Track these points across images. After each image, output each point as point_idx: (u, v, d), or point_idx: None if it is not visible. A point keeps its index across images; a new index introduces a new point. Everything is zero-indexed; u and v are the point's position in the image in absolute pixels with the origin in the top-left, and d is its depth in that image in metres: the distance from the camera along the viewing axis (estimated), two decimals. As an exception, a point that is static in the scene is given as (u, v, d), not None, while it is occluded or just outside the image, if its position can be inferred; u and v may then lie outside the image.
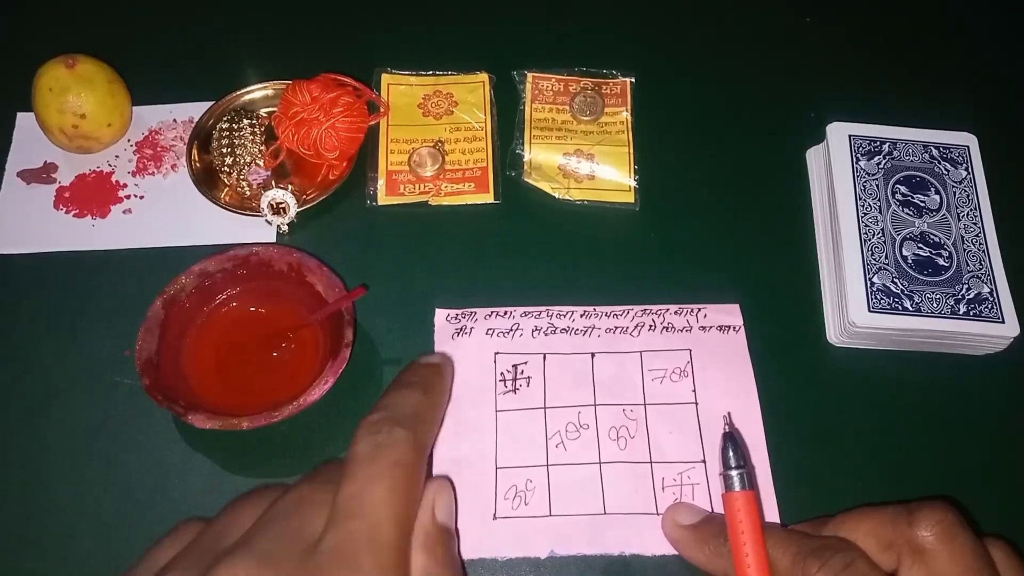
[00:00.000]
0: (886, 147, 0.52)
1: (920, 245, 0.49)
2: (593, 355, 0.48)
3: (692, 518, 0.40)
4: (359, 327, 0.47)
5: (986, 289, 0.47)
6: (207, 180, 0.54)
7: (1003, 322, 0.46)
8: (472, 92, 0.58)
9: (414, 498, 0.31)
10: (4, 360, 0.49)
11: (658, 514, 0.43)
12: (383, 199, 0.54)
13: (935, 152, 0.52)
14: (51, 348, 0.49)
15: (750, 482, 0.38)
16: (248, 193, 0.54)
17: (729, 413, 0.43)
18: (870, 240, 0.49)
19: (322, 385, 0.42)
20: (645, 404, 0.46)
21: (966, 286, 0.47)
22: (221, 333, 0.47)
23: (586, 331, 0.49)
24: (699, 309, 0.50)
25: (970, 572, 0.32)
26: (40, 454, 0.46)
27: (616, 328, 0.49)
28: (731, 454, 0.38)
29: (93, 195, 0.54)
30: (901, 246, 0.49)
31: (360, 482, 0.30)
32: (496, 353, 0.48)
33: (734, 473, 0.38)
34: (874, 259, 0.48)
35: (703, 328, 0.49)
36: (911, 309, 0.47)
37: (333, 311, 0.45)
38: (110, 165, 0.56)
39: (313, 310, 0.47)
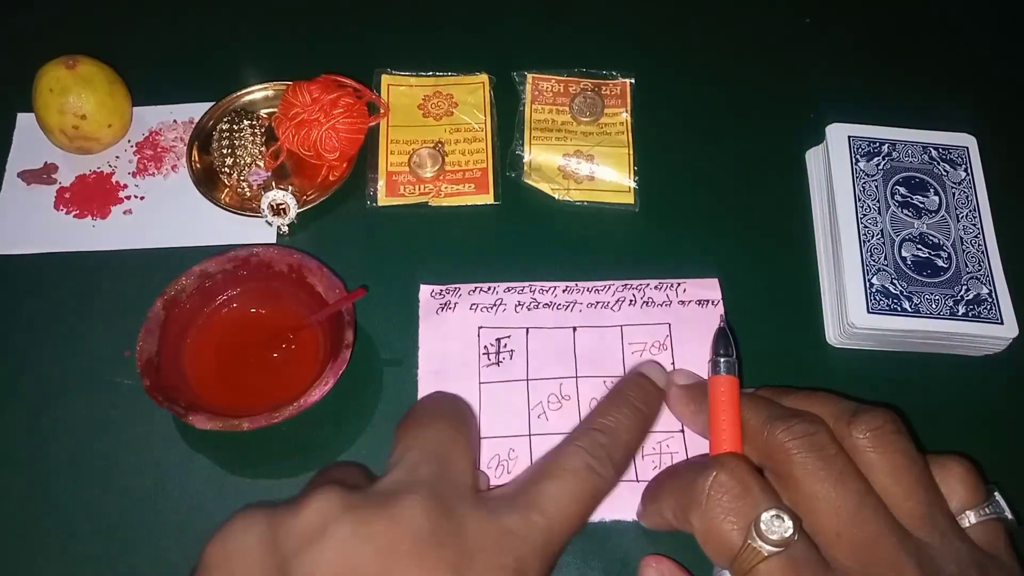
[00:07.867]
0: (885, 148, 0.52)
1: (919, 246, 0.49)
2: (575, 329, 0.49)
3: (687, 380, 0.44)
4: (359, 328, 0.47)
5: (985, 290, 0.47)
6: (207, 181, 0.54)
7: (1002, 323, 0.46)
8: (472, 93, 0.58)
9: (584, 523, 0.34)
10: (4, 360, 0.49)
11: (638, 481, 0.43)
12: (383, 200, 0.54)
13: (934, 153, 0.52)
14: (51, 348, 0.49)
15: (736, 371, 0.39)
16: (248, 194, 0.54)
17: (724, 314, 0.48)
18: (869, 241, 0.49)
19: (322, 386, 0.43)
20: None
21: (965, 287, 0.47)
22: (221, 334, 0.47)
23: (568, 306, 0.49)
24: (678, 284, 0.50)
25: (911, 489, 0.33)
26: (40, 454, 0.46)
27: (597, 303, 0.49)
28: (720, 343, 0.40)
29: (93, 196, 0.54)
30: (900, 247, 0.49)
31: (564, 491, 0.33)
32: (480, 327, 0.49)
33: (721, 360, 0.39)
34: (873, 260, 0.48)
35: (682, 302, 0.49)
36: (910, 310, 0.47)
37: (333, 312, 0.45)
38: (110, 166, 0.56)
39: (313, 311, 0.47)
